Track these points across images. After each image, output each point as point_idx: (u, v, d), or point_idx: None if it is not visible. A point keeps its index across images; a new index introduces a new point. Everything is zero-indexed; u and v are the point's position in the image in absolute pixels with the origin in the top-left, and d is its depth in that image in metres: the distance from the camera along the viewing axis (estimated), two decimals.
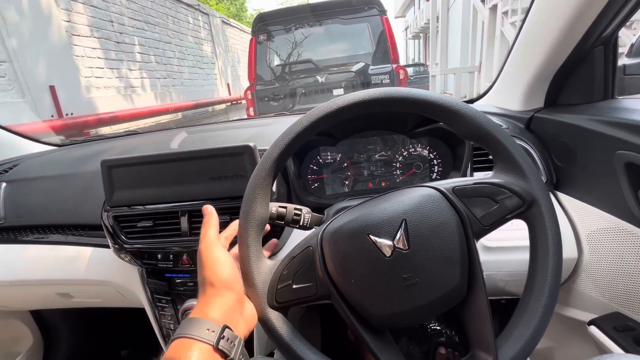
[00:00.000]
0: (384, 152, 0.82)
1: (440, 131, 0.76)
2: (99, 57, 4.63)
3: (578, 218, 0.68)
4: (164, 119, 5.66)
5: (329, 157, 0.82)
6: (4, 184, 0.95)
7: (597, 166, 0.61)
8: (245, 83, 4.17)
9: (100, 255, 0.84)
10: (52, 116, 3.80)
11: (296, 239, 0.62)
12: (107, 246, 0.79)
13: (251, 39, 4.03)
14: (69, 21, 4.17)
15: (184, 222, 0.72)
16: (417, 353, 0.94)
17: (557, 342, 0.81)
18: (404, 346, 0.96)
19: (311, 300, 0.43)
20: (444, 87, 9.44)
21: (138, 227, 0.74)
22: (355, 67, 3.81)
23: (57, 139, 1.94)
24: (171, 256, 0.73)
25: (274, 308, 0.44)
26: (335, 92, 3.75)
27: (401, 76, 3.73)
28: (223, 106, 8.01)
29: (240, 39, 10.72)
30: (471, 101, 1.04)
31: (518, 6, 5.39)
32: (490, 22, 6.68)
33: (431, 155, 0.81)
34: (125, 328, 1.45)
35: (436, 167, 0.81)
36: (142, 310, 0.85)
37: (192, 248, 0.71)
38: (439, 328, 0.99)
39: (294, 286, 0.43)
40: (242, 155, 0.69)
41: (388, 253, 0.38)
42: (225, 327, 0.38)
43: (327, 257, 0.42)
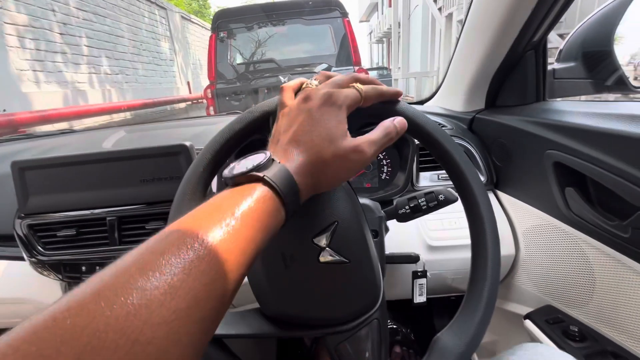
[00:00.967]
0: None
1: None
2: (38, 49, 4.21)
3: (515, 216, 0.70)
4: (116, 118, 5.28)
5: None
6: None
7: (530, 165, 0.63)
8: (207, 81, 4.00)
9: (15, 270, 0.74)
10: None
11: None
12: (22, 259, 0.70)
13: (211, 36, 3.89)
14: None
15: (112, 229, 0.65)
16: None
17: (500, 335, 0.84)
18: None
19: None
20: (406, 90, 9.79)
21: (58, 236, 0.66)
22: (318, 68, 3.81)
23: None
24: (98, 268, 0.66)
25: None
26: None
27: None
28: (183, 105, 7.65)
29: (202, 36, 10.35)
30: (421, 102, 1.06)
31: None
32: (446, 29, 7.04)
33: (380, 155, 0.81)
34: None
35: (385, 168, 0.81)
36: None
37: None
38: (395, 327, 0.99)
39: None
40: (178, 156, 0.63)
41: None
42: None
43: None
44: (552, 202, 0.59)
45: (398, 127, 0.36)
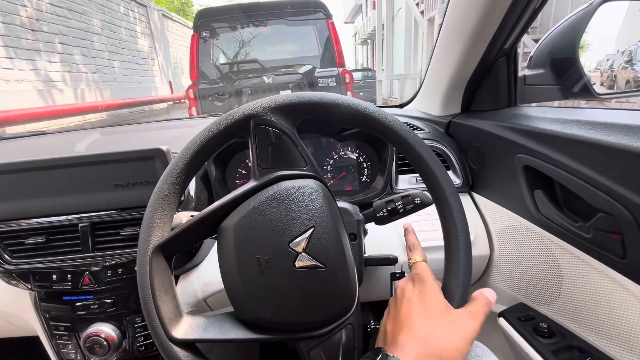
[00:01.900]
0: (313, 155, 0.80)
1: (365, 134, 0.76)
2: (7, 46, 4.02)
3: (490, 217, 0.73)
4: (93, 118, 5.11)
5: None
6: None
7: (502, 169, 0.65)
8: (189, 81, 3.92)
9: None
10: None
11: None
12: None
13: (193, 35, 3.82)
14: None
15: (85, 235, 0.63)
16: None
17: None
18: None
19: None
20: (390, 92, 9.91)
21: (27, 244, 0.63)
22: (303, 69, 3.81)
23: None
24: (69, 276, 0.63)
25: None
26: (283, 93, 3.71)
27: (347, 80, 3.81)
28: (164, 105, 7.47)
29: (184, 35, 10.14)
30: (401, 106, 1.08)
31: None
32: (429, 33, 7.17)
33: (360, 158, 0.81)
34: None
35: (365, 170, 0.82)
36: (37, 339, 0.73)
37: (96, 266, 0.63)
38: (377, 327, 1.00)
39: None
40: (153, 160, 0.62)
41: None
42: None
43: None
44: (523, 204, 0.61)
45: (492, 300, 0.41)
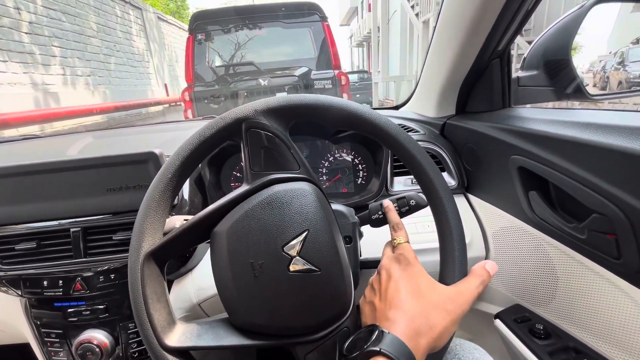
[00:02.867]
0: (309, 158, 0.80)
1: (361, 136, 0.76)
2: (1, 49, 3.99)
3: (485, 218, 0.73)
4: (88, 121, 5.07)
5: None
6: None
7: (497, 170, 0.66)
8: (184, 83, 3.91)
9: None
10: None
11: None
12: None
13: (188, 37, 3.81)
14: None
15: (77, 240, 0.62)
16: None
17: (474, 334, 0.86)
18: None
19: None
20: (386, 94, 9.96)
21: (17, 249, 0.62)
22: (299, 72, 3.81)
23: None
24: (60, 282, 0.62)
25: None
26: (279, 95, 3.71)
27: (343, 82, 3.82)
28: (160, 108, 7.44)
29: (180, 37, 10.11)
30: (396, 107, 1.08)
31: None
32: (424, 35, 7.22)
33: (356, 160, 0.81)
34: None
35: (361, 172, 0.82)
36: (28, 346, 0.72)
37: (88, 271, 0.62)
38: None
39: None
40: (147, 164, 0.61)
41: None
42: None
43: None
44: (518, 205, 0.61)
45: (492, 273, 0.41)
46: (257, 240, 0.37)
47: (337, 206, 0.56)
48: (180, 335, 0.38)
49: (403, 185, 0.77)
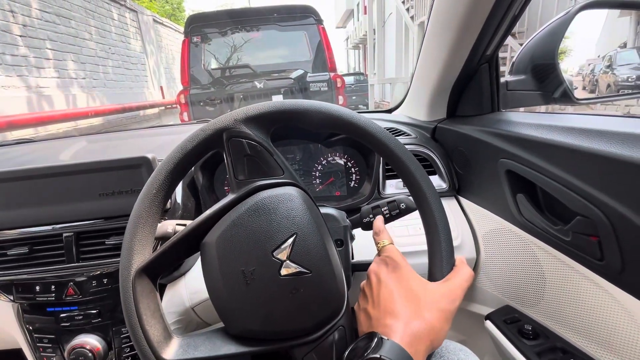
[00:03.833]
0: (302, 161, 0.81)
1: (352, 140, 0.77)
2: None
3: (475, 220, 0.74)
4: (83, 124, 5.04)
5: None
6: None
7: (486, 173, 0.67)
8: (180, 85, 3.90)
9: None
10: None
11: None
12: None
13: (184, 40, 3.81)
14: None
15: (69, 245, 0.62)
16: None
17: (467, 335, 0.87)
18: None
19: None
20: (382, 96, 9.99)
21: (9, 255, 0.62)
22: (294, 74, 3.82)
23: None
24: (53, 287, 0.62)
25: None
26: (275, 98, 3.71)
27: (338, 84, 3.83)
28: (156, 110, 7.42)
29: (175, 40, 10.09)
30: (389, 111, 1.09)
31: None
32: (419, 37, 7.26)
33: (348, 164, 0.82)
34: None
35: (353, 176, 0.82)
36: (20, 351, 0.71)
37: (80, 276, 0.62)
38: None
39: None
40: (139, 168, 0.62)
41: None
42: None
43: None
44: (506, 208, 0.62)
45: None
46: (247, 247, 0.37)
47: (329, 209, 0.56)
48: (177, 349, 0.38)
49: (395, 188, 0.78)
